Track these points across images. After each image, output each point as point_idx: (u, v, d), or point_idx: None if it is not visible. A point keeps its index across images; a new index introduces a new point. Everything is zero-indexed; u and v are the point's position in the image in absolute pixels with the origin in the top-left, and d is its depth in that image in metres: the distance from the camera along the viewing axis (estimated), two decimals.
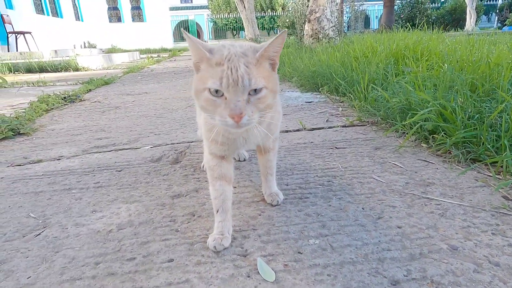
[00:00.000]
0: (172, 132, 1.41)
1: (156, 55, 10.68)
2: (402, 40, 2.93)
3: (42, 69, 5.16)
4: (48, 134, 1.53)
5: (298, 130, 1.32)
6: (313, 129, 1.33)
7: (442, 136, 1.01)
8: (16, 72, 5.07)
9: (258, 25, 23.38)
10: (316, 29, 4.37)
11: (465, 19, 15.94)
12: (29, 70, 5.16)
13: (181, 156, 1.11)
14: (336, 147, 1.09)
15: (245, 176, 0.92)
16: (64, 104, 2.26)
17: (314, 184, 0.83)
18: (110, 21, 17.20)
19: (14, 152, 1.29)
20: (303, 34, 4.64)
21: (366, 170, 0.90)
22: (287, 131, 1.31)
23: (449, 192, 0.75)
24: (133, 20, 17.74)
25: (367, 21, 28.59)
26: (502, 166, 0.82)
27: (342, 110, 1.60)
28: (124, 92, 2.67)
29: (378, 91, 1.47)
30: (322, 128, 1.33)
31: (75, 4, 14.70)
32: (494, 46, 3.11)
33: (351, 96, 1.66)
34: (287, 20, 8.58)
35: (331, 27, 4.34)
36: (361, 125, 1.33)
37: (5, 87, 3.32)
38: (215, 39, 26.83)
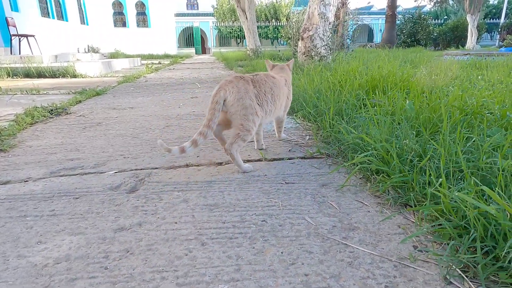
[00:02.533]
0: (141, 156, 1.47)
1: (157, 62, 10.83)
2: (384, 65, 3.01)
3: (40, 74, 5.26)
4: (24, 151, 1.60)
5: (258, 160, 1.38)
6: (274, 159, 1.39)
7: (383, 177, 1.06)
8: (14, 77, 5.17)
9: (261, 34, 23.52)
10: (309, 47, 4.46)
11: (466, 37, 16.07)
12: (28, 75, 5.26)
13: (139, 184, 1.17)
14: (285, 182, 1.15)
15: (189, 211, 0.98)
16: (50, 117, 2.33)
17: (249, 223, 0.89)
18: (115, 26, 17.40)
19: None
20: (297, 51, 4.72)
21: (302, 210, 0.96)
22: (248, 161, 1.37)
23: (368, 239, 0.81)
24: (138, 26, 17.96)
25: (370, 34, 28.80)
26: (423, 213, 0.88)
27: (308, 139, 1.66)
28: (112, 105, 2.74)
29: (341, 123, 1.53)
30: (282, 159, 1.39)
31: (81, 8, 14.91)
32: (478, 71, 3.17)
33: (318, 125, 1.73)
34: (290, 31, 8.70)
35: (324, 45, 4.43)
36: (319, 158, 1.39)
37: None
38: (219, 46, 27.06)
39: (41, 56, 6.20)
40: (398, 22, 17.73)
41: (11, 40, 8.58)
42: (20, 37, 8.55)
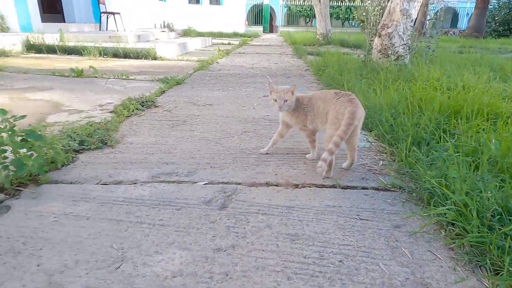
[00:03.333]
0: (225, 167, 1.65)
1: (227, 42, 11.05)
2: (469, 78, 2.82)
3: (125, 55, 5.76)
4: (127, 148, 1.87)
5: (332, 187, 1.47)
6: (347, 187, 1.47)
7: (459, 230, 1.10)
8: (105, 56, 5.72)
9: (332, 15, 22.56)
10: (386, 45, 4.29)
11: None
12: (115, 55, 5.78)
13: (227, 201, 1.34)
14: (360, 218, 1.24)
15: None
16: (141, 110, 2.63)
17: (327, 261, 1.01)
18: (189, 2, 17.93)
19: (101, 167, 1.63)
20: (372, 48, 4.56)
21: (376, 255, 1.04)
22: (322, 186, 1.47)
23: None
24: (210, 3, 18.34)
25: (455, 18, 26.09)
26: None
27: (382, 164, 1.70)
28: (192, 99, 2.98)
29: (418, 154, 1.55)
30: (355, 188, 1.47)
31: None
32: None
33: (393, 151, 1.75)
34: (363, 14, 8.30)
35: (402, 44, 4.23)
36: (393, 191, 1.44)
37: (95, 77, 3.85)
38: (287, 25, 26.63)
39: (126, 36, 6.74)
40: (490, 7, 15.81)
41: (100, 17, 9.40)
42: (108, 14, 9.32)
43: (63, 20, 9.33)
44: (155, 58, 5.76)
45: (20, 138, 1.40)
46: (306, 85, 3.79)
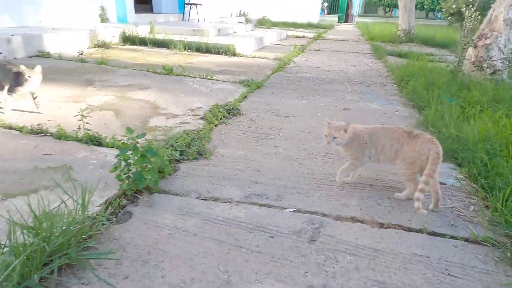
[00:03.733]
0: (310, 194, 1.74)
1: (301, 35, 10.95)
2: None
3: (207, 50, 6.06)
4: (219, 161, 2.06)
5: (418, 231, 1.49)
6: (434, 233, 1.48)
7: None
8: (189, 50, 6.09)
9: (416, 5, 21.03)
10: (481, 57, 3.97)
11: None
12: (198, 49, 6.11)
13: (316, 234, 1.44)
14: (449, 273, 1.25)
15: None
16: (227, 118, 2.82)
17: None
18: None
19: (199, 180, 1.83)
20: (463, 57, 4.23)
21: None
22: (409, 230, 1.50)
23: None
24: None
25: None
26: None
27: (473, 209, 1.66)
28: (273, 108, 3.11)
29: None
30: (444, 236, 1.46)
31: None
32: None
33: (488, 196, 1.68)
34: (454, 6, 7.62)
35: (502, 58, 3.87)
36: (485, 245, 1.41)
37: (183, 75, 4.16)
38: (363, 14, 25.36)
39: (208, 30, 7.07)
40: None
41: (184, 7, 9.95)
42: (190, 5, 9.82)
43: (151, 10, 10.06)
44: (234, 54, 5.99)
45: (140, 154, 1.65)
46: (387, 97, 3.69)
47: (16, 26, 5.53)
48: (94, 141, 2.16)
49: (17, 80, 2.41)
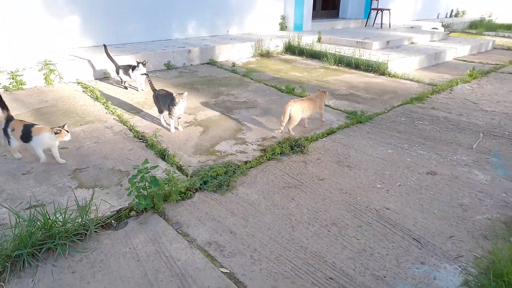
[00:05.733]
0: None
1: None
2: None
3: (357, 66, 5.86)
4: (230, 200, 2.27)
5: None
6: None
7: None
8: (338, 65, 6.07)
9: None
10: None
11: None
12: (348, 64, 6.00)
13: None
14: None
15: None
16: (285, 155, 2.88)
17: None
18: None
19: (195, 212, 2.12)
20: None
21: None
22: None
23: None
24: None
25: None
26: None
27: None
28: (345, 152, 2.91)
29: None
30: None
31: None
32: None
33: None
34: None
35: None
36: None
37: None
38: None
39: (371, 43, 6.69)
40: None
41: (369, 12, 9.62)
42: (377, 10, 9.38)
43: (337, 15, 10.27)
44: (383, 74, 5.54)
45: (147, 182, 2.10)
46: None
47: (208, 36, 7.04)
48: (161, 154, 2.78)
49: (172, 103, 2.99)
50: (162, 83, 4.68)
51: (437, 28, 9.72)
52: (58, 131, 2.43)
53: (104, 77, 4.80)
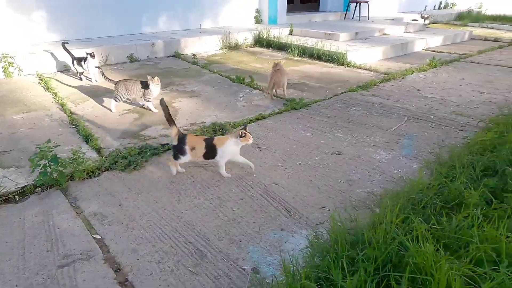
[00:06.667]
0: None
1: (500, 37, 8.57)
2: None
3: (319, 57, 5.95)
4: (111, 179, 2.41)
5: None
6: None
7: None
8: (302, 56, 6.15)
9: None
10: None
11: None
12: (311, 55, 6.07)
13: None
14: None
15: None
16: None
17: None
18: None
19: (91, 189, 2.28)
20: None
21: None
22: None
23: None
24: None
25: None
26: None
27: None
28: (268, 135, 3.03)
29: None
30: None
31: None
32: None
33: None
34: None
35: None
36: None
37: (248, 86, 4.43)
38: None
39: (339, 35, 6.77)
40: None
41: (348, 5, 9.66)
42: (356, 3, 9.41)
43: (318, 8, 10.32)
44: (342, 64, 5.62)
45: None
46: (429, 148, 2.77)
47: (180, 30, 7.17)
48: (86, 138, 2.93)
49: (147, 88, 3.42)
50: (120, 74, 4.84)
51: (416, 20, 9.71)
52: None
53: (64, 69, 4.97)
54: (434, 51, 7.00)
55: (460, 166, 2.25)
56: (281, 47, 6.64)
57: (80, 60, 4.40)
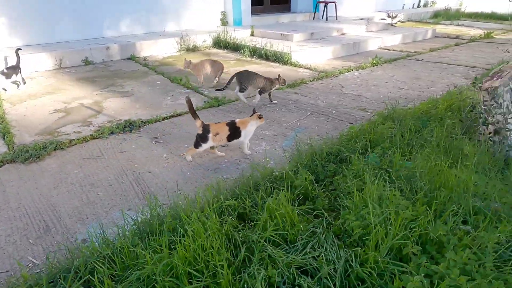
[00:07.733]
0: None
1: (463, 34, 8.73)
2: None
3: (267, 57, 6.17)
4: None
5: None
6: None
7: None
8: (253, 56, 6.41)
9: None
10: (487, 102, 2.61)
11: None
12: (261, 56, 6.32)
13: None
14: None
15: None
16: (114, 133, 3.30)
17: None
18: None
19: None
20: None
21: None
22: None
23: None
24: None
25: None
26: None
27: None
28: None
29: None
30: None
31: None
32: None
33: None
34: None
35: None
36: None
37: (183, 85, 4.71)
38: None
39: (292, 35, 7.00)
40: None
41: (316, 5, 9.89)
42: (324, 3, 9.64)
43: (289, 9, 10.56)
44: (286, 63, 5.87)
45: None
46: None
47: (144, 33, 7.47)
48: (3, 135, 3.24)
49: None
50: (69, 77, 5.15)
51: (384, 19, 9.92)
52: None
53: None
54: (388, 49, 7.22)
55: (319, 156, 2.49)
56: (237, 48, 6.90)
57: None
